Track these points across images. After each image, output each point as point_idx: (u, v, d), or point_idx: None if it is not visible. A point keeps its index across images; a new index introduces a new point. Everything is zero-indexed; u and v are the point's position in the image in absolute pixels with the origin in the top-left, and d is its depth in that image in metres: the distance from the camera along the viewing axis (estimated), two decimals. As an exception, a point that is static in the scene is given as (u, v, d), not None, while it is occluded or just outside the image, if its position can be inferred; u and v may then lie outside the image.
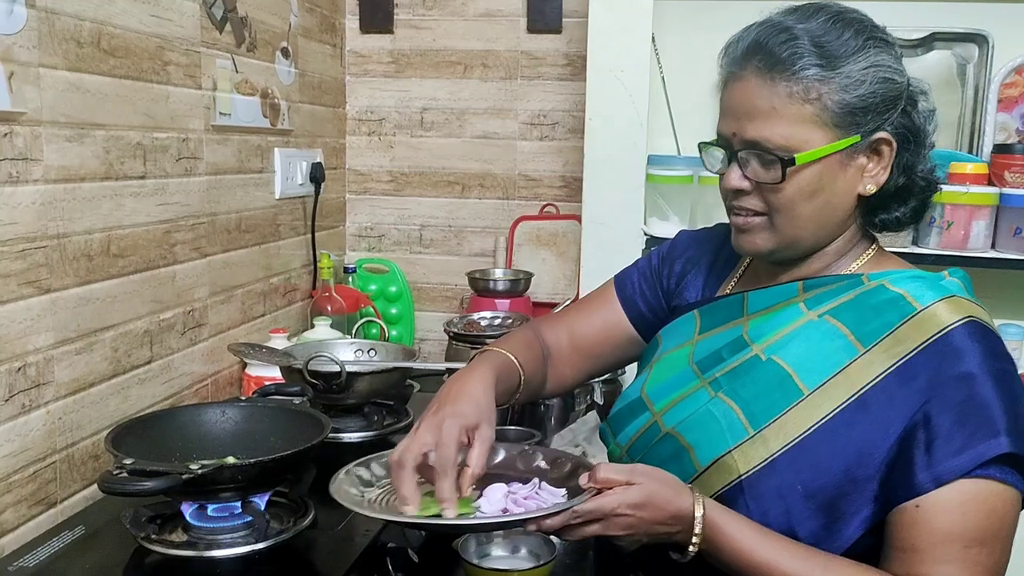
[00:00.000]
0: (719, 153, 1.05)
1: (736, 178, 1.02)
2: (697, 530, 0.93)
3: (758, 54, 0.98)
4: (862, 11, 1.02)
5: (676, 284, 1.22)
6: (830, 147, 0.98)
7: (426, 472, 0.97)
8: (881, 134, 0.99)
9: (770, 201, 1.01)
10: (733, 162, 1.02)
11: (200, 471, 1.07)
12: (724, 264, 1.19)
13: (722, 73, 1.04)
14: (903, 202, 1.06)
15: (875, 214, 1.06)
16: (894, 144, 1.00)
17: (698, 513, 0.93)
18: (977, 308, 0.99)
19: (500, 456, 1.13)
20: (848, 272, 1.06)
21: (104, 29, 1.39)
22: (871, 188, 1.01)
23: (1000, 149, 1.95)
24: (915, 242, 1.94)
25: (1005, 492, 0.92)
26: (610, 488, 0.93)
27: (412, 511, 0.94)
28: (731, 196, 1.05)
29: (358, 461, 1.09)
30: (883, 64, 0.98)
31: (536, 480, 1.03)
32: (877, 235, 1.11)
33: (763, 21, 1.01)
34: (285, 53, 2.04)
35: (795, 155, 0.97)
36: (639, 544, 0.96)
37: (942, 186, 1.84)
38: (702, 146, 1.08)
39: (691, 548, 0.94)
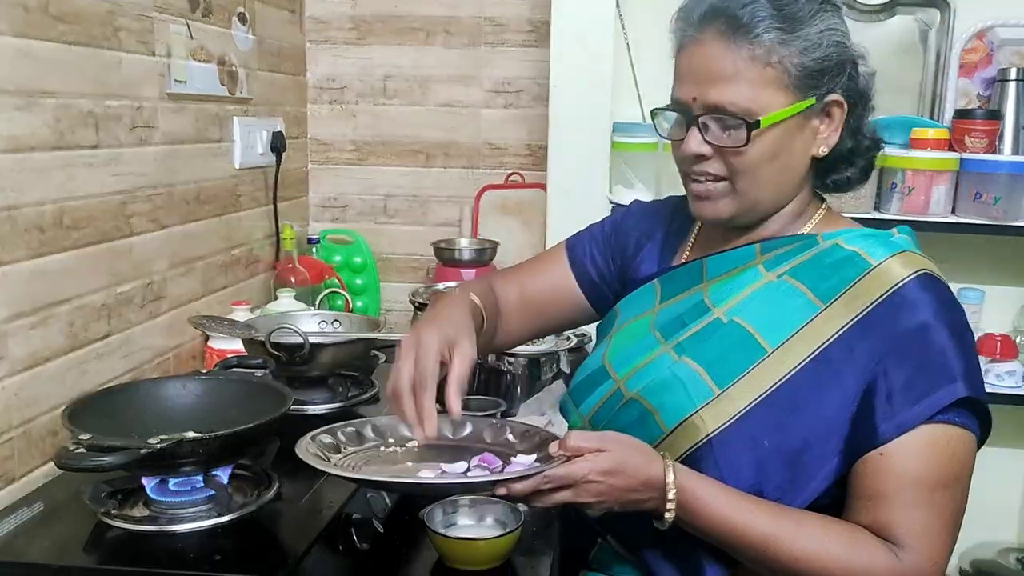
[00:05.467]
0: (671, 118, 1.05)
1: (696, 143, 1.02)
2: (671, 496, 0.94)
3: (718, 18, 0.98)
4: None
5: (632, 257, 1.22)
6: (791, 109, 0.99)
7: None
8: (833, 96, 1.01)
9: (732, 165, 1.01)
10: (692, 127, 1.02)
11: (159, 446, 1.05)
12: (677, 233, 1.20)
13: (677, 37, 1.04)
14: (851, 163, 1.08)
15: (827, 175, 1.09)
16: (845, 106, 1.02)
17: (669, 479, 0.94)
18: (927, 261, 1.02)
19: (468, 429, 1.13)
20: (802, 232, 1.08)
21: (51, -7, 1.34)
22: (823, 150, 1.04)
23: (961, 114, 1.96)
24: (877, 208, 1.96)
25: (964, 435, 0.95)
26: (580, 455, 0.93)
27: (431, 428, 0.94)
28: (690, 162, 1.04)
29: (324, 428, 1.08)
30: (836, 28, 1.00)
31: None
32: (827, 196, 1.13)
33: None
34: (242, 19, 1.99)
35: (759, 118, 0.97)
36: (609, 511, 0.97)
37: (905, 151, 1.89)
38: (655, 112, 1.08)
39: (667, 515, 0.95)
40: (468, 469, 1.01)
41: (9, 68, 1.26)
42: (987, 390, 1.88)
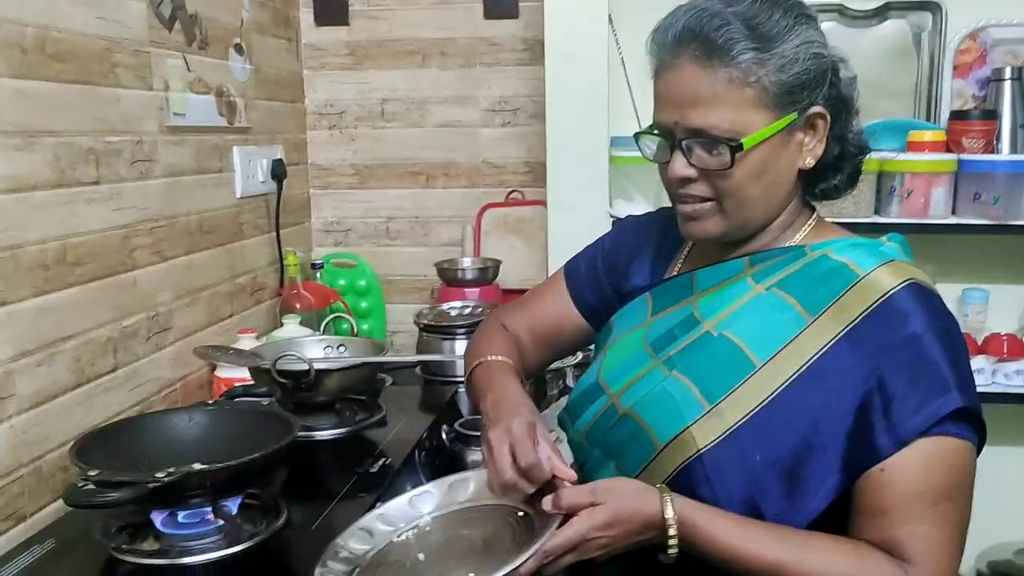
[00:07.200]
0: (656, 141, 1.05)
1: (681, 167, 1.02)
2: (672, 532, 0.94)
3: (693, 41, 0.97)
4: None
5: (624, 272, 1.22)
6: (773, 127, 0.98)
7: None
8: (815, 109, 1.01)
9: (718, 187, 1.01)
10: (677, 151, 1.02)
11: (166, 479, 1.06)
12: (670, 246, 1.20)
13: (654, 61, 1.03)
14: (839, 170, 1.08)
15: (815, 185, 1.08)
16: (828, 117, 1.02)
17: (668, 515, 0.94)
18: (916, 270, 1.01)
19: (471, 487, 1.10)
20: (792, 244, 1.07)
21: (48, 34, 1.36)
22: (810, 162, 1.03)
23: (957, 115, 1.97)
24: (877, 211, 1.96)
25: (962, 446, 0.94)
26: (575, 514, 0.93)
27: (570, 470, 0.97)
28: (677, 185, 1.04)
29: (333, 548, 1.03)
30: (812, 40, 0.99)
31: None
32: (817, 204, 1.13)
33: (691, 6, 1.00)
34: (239, 49, 2.01)
35: (742, 139, 0.97)
36: (613, 553, 0.96)
37: (901, 155, 1.90)
38: (638, 136, 1.07)
39: (671, 550, 0.94)
40: None
41: (8, 109, 1.28)
42: (996, 390, 1.90)
